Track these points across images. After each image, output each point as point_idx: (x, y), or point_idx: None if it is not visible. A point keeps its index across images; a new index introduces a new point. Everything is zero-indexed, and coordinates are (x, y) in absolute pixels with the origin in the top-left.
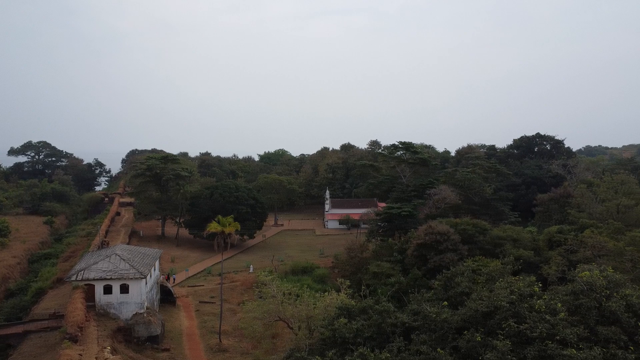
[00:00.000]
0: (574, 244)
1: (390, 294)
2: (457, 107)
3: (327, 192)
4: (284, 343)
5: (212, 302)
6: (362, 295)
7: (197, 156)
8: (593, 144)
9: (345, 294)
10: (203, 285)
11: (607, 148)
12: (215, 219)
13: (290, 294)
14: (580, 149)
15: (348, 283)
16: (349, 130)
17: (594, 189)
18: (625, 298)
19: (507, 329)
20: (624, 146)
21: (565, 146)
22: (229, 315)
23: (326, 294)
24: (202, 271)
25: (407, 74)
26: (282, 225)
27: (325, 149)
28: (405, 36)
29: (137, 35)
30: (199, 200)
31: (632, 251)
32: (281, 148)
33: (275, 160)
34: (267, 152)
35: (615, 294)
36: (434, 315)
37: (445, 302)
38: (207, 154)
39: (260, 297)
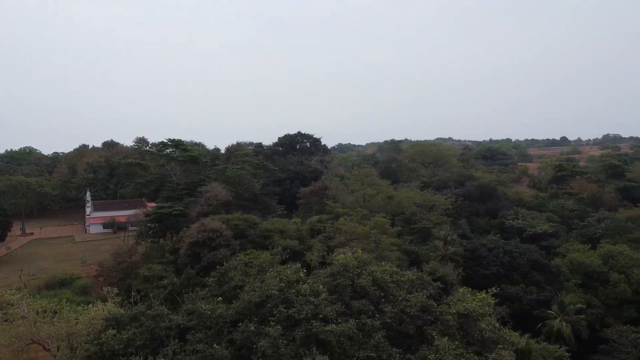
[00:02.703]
0: (331, 231)
1: (163, 296)
2: (227, 107)
3: (88, 193)
4: None
5: None
6: (132, 302)
7: None
8: (344, 142)
9: (113, 303)
10: None
11: (354, 145)
12: None
13: (45, 311)
14: (334, 146)
15: (116, 291)
16: (113, 128)
17: (346, 182)
18: (371, 274)
19: (277, 315)
20: (367, 144)
21: (322, 144)
22: None
23: (90, 305)
24: None
25: (179, 71)
26: (32, 234)
27: (84, 147)
28: (177, 33)
29: None
30: None
31: (376, 233)
32: (29, 145)
33: (21, 159)
34: (9, 150)
35: (364, 271)
36: (209, 312)
37: (220, 298)
38: None
39: (6, 321)
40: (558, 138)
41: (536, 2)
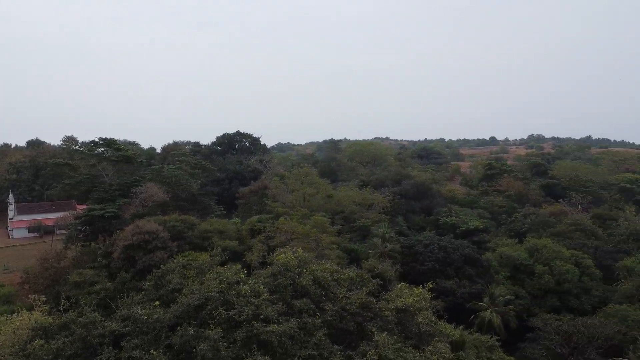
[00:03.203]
0: (271, 230)
1: (96, 303)
2: (162, 106)
3: (11, 196)
4: None
5: None
6: (62, 309)
7: None
8: (283, 141)
9: (41, 311)
10: None
11: (294, 145)
12: None
13: None
14: (274, 146)
15: (43, 299)
16: (38, 127)
17: (286, 181)
18: (312, 273)
19: (217, 317)
20: (306, 143)
21: (262, 143)
22: None
23: (15, 315)
24: None
25: (108, 68)
26: None
27: (6, 146)
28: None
29: None
30: None
31: (316, 232)
32: None
33: None
34: None
35: (304, 270)
36: (146, 317)
37: (157, 302)
38: None
39: None
40: (487, 138)
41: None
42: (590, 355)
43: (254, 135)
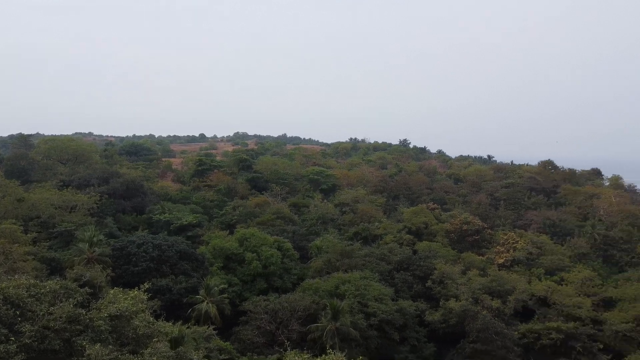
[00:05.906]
0: None
1: None
2: None
3: None
4: None
5: None
6: None
7: None
8: None
9: None
10: None
11: None
12: None
13: None
14: None
15: None
16: None
17: None
18: (2, 291)
19: None
20: None
21: None
22: None
23: None
24: None
25: None
26: None
27: None
28: None
29: None
30: None
31: (3, 243)
32: None
33: None
34: None
35: None
36: None
37: None
38: None
39: None
40: (197, 135)
41: None
42: (292, 327)
43: None
